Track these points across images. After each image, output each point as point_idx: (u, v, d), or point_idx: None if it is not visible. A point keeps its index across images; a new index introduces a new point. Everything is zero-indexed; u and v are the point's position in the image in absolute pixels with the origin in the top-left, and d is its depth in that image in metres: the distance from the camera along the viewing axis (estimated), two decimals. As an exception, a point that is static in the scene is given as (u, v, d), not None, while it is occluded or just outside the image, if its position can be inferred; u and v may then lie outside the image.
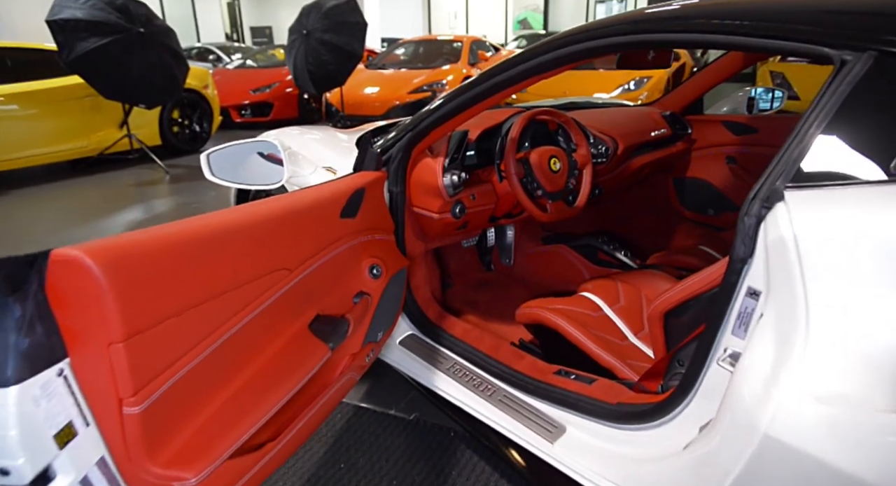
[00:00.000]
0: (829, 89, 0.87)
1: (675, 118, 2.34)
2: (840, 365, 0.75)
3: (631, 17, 1.14)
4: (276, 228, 1.06)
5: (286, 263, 1.08)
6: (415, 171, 1.64)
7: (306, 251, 1.14)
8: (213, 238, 0.91)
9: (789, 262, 0.81)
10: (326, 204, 1.23)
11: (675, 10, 1.08)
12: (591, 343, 1.48)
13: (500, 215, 1.88)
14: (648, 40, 1.11)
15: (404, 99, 6.57)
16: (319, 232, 1.20)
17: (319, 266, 1.19)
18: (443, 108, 1.49)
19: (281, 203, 1.11)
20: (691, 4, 1.09)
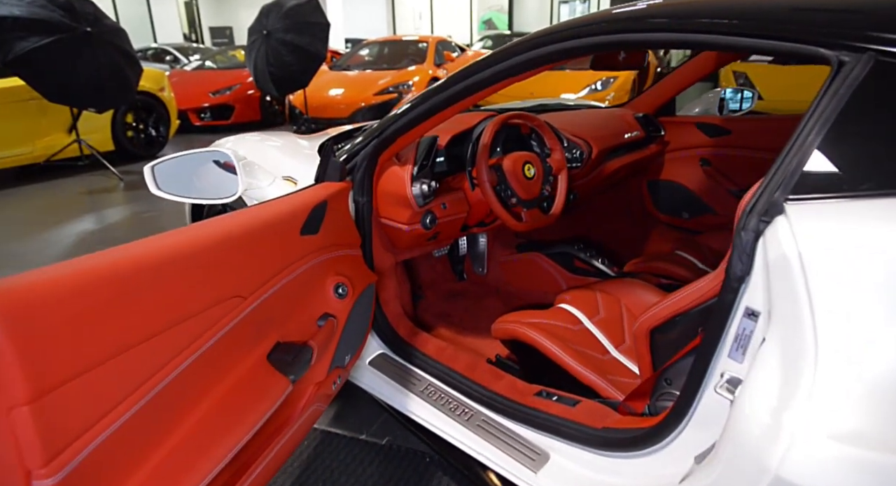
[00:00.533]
0: (827, 93, 0.81)
1: (648, 120, 2.29)
2: (855, 398, 0.68)
3: (611, 16, 1.06)
4: (225, 252, 0.94)
5: (239, 289, 0.96)
6: (381, 180, 1.53)
7: (262, 275, 1.03)
8: (146, 270, 0.79)
9: (794, 282, 0.74)
10: (284, 221, 1.12)
11: (660, 8, 1.01)
12: (572, 361, 1.40)
13: (472, 224, 1.79)
14: (630, 40, 1.03)
15: (370, 101, 6.43)
16: (277, 252, 1.08)
17: (278, 290, 1.08)
18: (410, 112, 1.39)
19: (231, 223, 0.99)
20: (676, 3, 1.01)
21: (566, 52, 1.12)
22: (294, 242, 1.14)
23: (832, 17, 0.84)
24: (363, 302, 1.40)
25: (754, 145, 2.13)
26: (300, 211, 1.17)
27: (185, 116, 6.99)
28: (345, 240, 1.37)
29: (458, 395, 1.43)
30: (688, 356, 1.14)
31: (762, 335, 0.83)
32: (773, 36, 0.88)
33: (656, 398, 1.23)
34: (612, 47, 1.07)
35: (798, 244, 0.74)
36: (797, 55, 0.87)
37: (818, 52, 0.83)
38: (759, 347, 0.80)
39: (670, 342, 1.20)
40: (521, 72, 1.22)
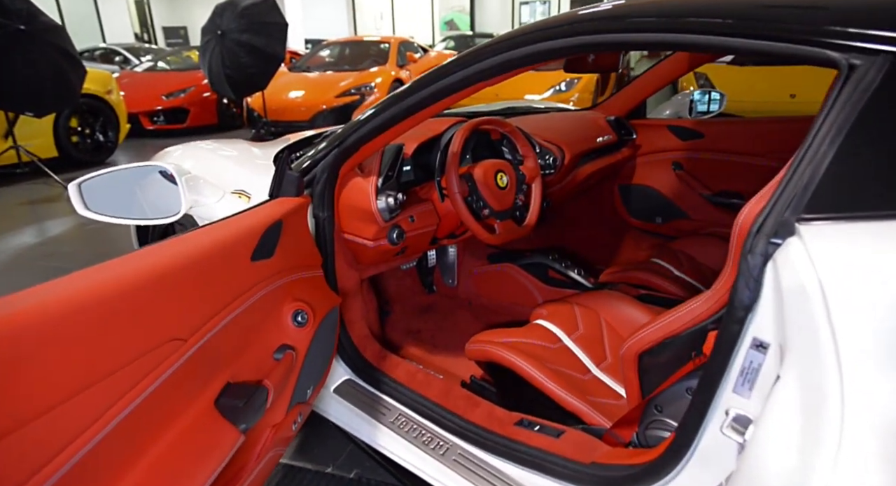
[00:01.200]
0: (838, 100, 0.73)
1: (619, 123, 2.23)
2: (891, 458, 0.59)
3: (596, 15, 0.96)
4: (159, 289, 0.81)
5: (178, 331, 0.83)
6: (344, 192, 1.41)
7: (206, 311, 0.89)
8: (57, 320, 0.65)
9: (813, 314, 0.65)
10: (232, 247, 0.98)
11: (648, 7, 0.92)
12: (552, 384, 1.30)
13: (442, 236, 1.69)
14: (615, 41, 0.94)
15: (331, 103, 6.26)
16: (223, 284, 0.95)
17: (227, 324, 0.94)
18: (374, 119, 1.28)
19: (166, 254, 0.86)
20: (666, 1, 0.92)
21: (545, 54, 1.03)
22: (244, 270, 1.01)
23: (840, 17, 0.76)
24: (326, 328, 1.27)
25: (727, 149, 2.08)
26: (251, 234, 1.03)
27: (136, 119, 6.67)
28: (304, 261, 1.24)
29: (432, 425, 1.32)
30: (680, 382, 1.06)
31: (774, 370, 0.75)
32: (773, 37, 0.79)
33: (646, 427, 1.14)
34: (595, 49, 0.97)
35: (817, 271, 0.65)
36: (801, 58, 0.79)
37: (825, 55, 0.75)
38: (773, 385, 0.71)
39: (660, 367, 1.12)
40: (495, 75, 1.12)
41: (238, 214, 1.11)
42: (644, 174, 2.31)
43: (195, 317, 0.86)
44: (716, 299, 0.99)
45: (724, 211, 2.12)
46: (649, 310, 1.54)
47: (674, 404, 1.08)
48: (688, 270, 1.92)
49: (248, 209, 1.14)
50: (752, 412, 0.77)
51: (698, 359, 1.01)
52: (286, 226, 1.15)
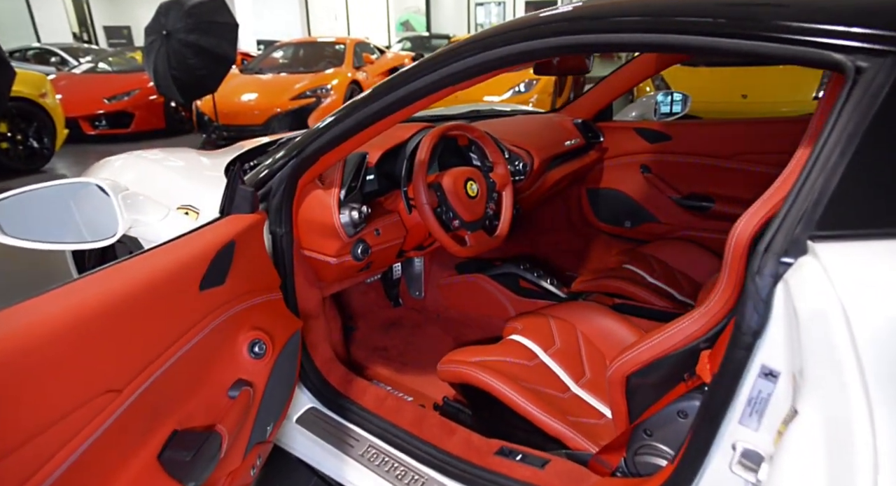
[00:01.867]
0: (846, 105, 0.67)
1: (587, 126, 2.18)
2: None
3: (577, 14, 0.89)
4: (88, 333, 0.69)
5: (112, 380, 0.71)
6: (303, 206, 1.30)
7: (146, 353, 0.78)
8: None
9: (836, 342, 0.59)
10: (177, 275, 0.86)
11: (637, 6, 0.85)
12: (532, 408, 1.22)
13: (409, 249, 1.59)
14: (600, 43, 0.86)
15: (286, 106, 6.06)
16: (166, 320, 0.83)
17: (171, 366, 0.82)
18: (335, 127, 1.17)
19: (97, 289, 0.73)
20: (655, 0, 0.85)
21: (523, 56, 0.95)
22: (191, 301, 0.89)
23: (842, 16, 0.71)
24: (287, 356, 1.16)
25: (695, 151, 2.06)
26: (199, 259, 0.91)
27: (76, 124, 6.30)
28: (260, 284, 1.12)
29: (405, 457, 1.22)
30: (671, 405, 0.99)
31: (785, 402, 0.69)
32: (772, 38, 0.73)
33: (635, 452, 1.07)
34: (578, 50, 0.90)
35: (839, 294, 0.59)
36: (802, 61, 0.73)
37: (828, 57, 0.69)
38: (787, 418, 0.65)
39: (649, 388, 1.05)
40: (467, 79, 1.03)
41: (184, 235, 0.99)
42: (612, 178, 2.27)
43: (133, 362, 0.74)
44: (709, 316, 0.93)
45: (693, 214, 2.09)
46: (626, 321, 1.49)
47: (665, 428, 1.01)
48: (661, 276, 1.89)
49: (196, 229, 1.02)
50: (763, 448, 0.71)
51: (692, 381, 0.95)
52: (239, 247, 1.04)
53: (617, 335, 1.48)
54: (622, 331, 1.47)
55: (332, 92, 6.21)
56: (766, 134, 1.92)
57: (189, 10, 4.96)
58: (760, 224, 0.83)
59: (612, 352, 1.46)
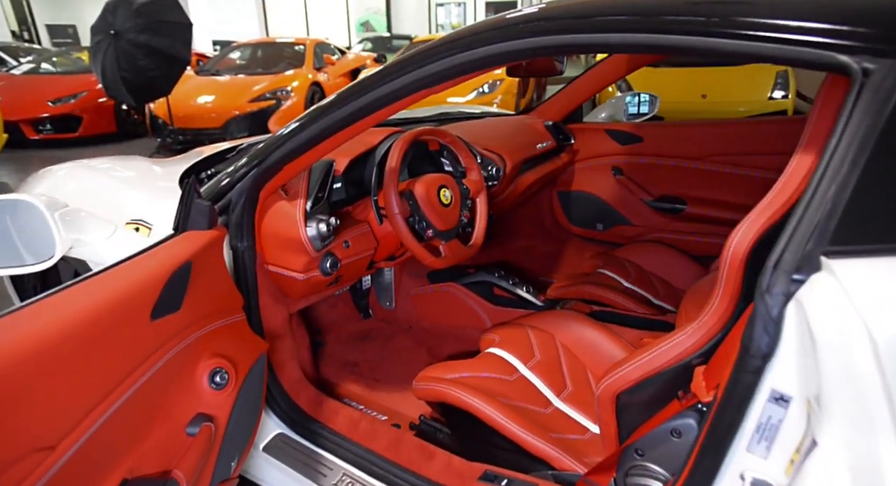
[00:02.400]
0: (855, 109, 0.63)
1: (558, 128, 2.14)
2: None
3: (565, 12, 0.83)
4: (14, 382, 0.59)
5: (42, 437, 0.61)
6: (266, 218, 1.21)
7: (87, 400, 0.68)
8: None
9: (861, 367, 0.54)
10: (125, 305, 0.77)
11: (627, 4, 0.79)
12: (515, 427, 1.16)
13: (380, 260, 1.51)
14: (587, 43, 0.81)
15: (245, 108, 5.86)
16: (112, 357, 0.73)
17: (118, 409, 0.73)
18: (299, 134, 1.09)
19: (26, 328, 0.63)
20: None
21: (504, 56, 0.88)
22: (142, 332, 0.79)
23: (847, 15, 0.67)
24: (252, 382, 1.07)
25: (667, 153, 2.04)
26: (149, 285, 0.82)
27: (17, 128, 5.96)
28: (221, 306, 1.03)
29: (382, 485, 1.15)
30: (664, 424, 0.95)
31: (797, 428, 0.64)
32: (770, 39, 0.69)
33: (626, 473, 1.02)
34: (563, 51, 0.84)
35: (862, 315, 0.54)
36: (804, 62, 0.69)
37: (832, 59, 0.65)
38: (809, 452, 0.60)
39: (639, 406, 1.01)
40: (444, 81, 0.97)
41: (133, 257, 0.89)
42: (583, 180, 2.24)
43: (70, 412, 0.65)
44: (703, 331, 0.89)
45: (665, 216, 2.08)
46: (605, 329, 1.45)
47: (657, 448, 0.97)
48: (636, 280, 1.86)
49: (147, 250, 0.92)
50: (775, 477, 0.66)
51: (687, 399, 0.90)
52: (197, 267, 0.94)
53: (597, 345, 1.43)
54: (601, 340, 1.43)
55: (293, 94, 6.05)
56: (738, 135, 1.92)
57: (138, 8, 4.74)
58: (759, 235, 0.78)
59: (592, 362, 1.41)
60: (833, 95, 0.78)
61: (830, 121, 0.78)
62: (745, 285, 0.82)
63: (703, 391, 0.85)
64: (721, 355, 0.85)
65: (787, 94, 5.20)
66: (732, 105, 5.26)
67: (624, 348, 1.40)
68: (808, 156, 0.78)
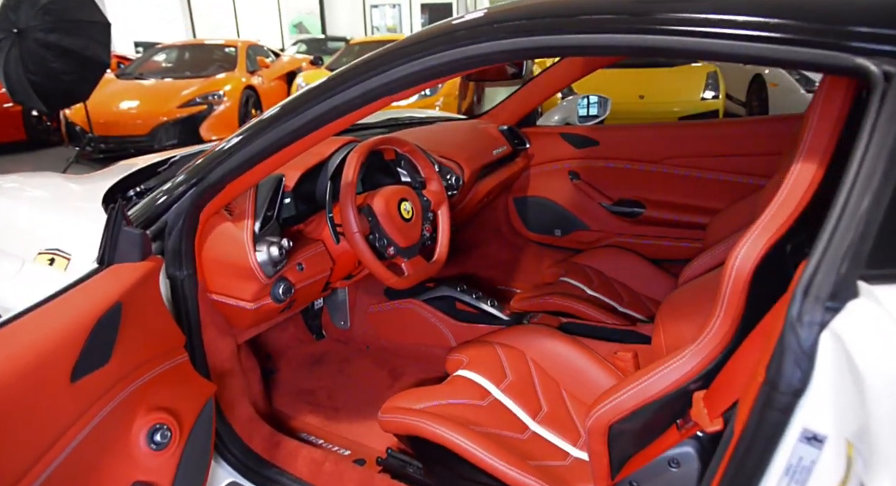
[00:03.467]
0: (880, 117, 0.57)
1: (512, 132, 2.07)
2: None
3: (558, 9, 0.75)
4: None
5: None
6: (209, 242, 1.07)
7: None
8: None
9: None
10: (33, 370, 0.62)
11: (623, 3, 0.72)
12: (493, 460, 1.07)
13: (336, 280, 1.39)
14: (579, 45, 0.73)
15: (173, 114, 5.52)
16: (22, 436, 0.59)
17: None
18: (245, 148, 0.96)
19: None
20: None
21: (474, 60, 0.79)
22: (59, 398, 0.65)
23: (865, 16, 0.61)
24: (199, 434, 0.93)
25: (624, 156, 2.02)
26: (69, 338, 0.67)
27: None
28: (158, 349, 0.89)
29: None
30: (662, 455, 0.88)
31: (836, 472, 0.58)
32: (784, 41, 0.63)
33: (621, 507, 0.96)
34: (549, 53, 0.76)
35: None
36: (817, 66, 0.63)
37: (850, 61, 0.60)
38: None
39: (632, 435, 0.94)
40: (407, 87, 0.87)
41: (48, 300, 0.74)
42: (539, 185, 2.19)
43: None
44: (701, 356, 0.83)
45: (624, 220, 2.05)
46: (576, 342, 1.38)
47: (654, 479, 0.90)
48: (599, 287, 1.81)
49: (66, 290, 0.77)
50: None
51: (687, 429, 0.84)
52: (128, 308, 0.80)
53: (570, 361, 1.37)
54: (574, 355, 1.37)
55: (226, 98, 5.75)
56: (695, 138, 1.91)
57: (46, 5, 4.33)
58: (764, 252, 0.73)
59: (566, 380, 1.35)
60: (833, 100, 0.73)
61: (832, 127, 0.74)
62: (747, 305, 0.77)
63: (706, 419, 0.79)
64: (724, 381, 0.79)
65: (718, 94, 5.40)
66: (667, 105, 5.42)
67: (598, 363, 1.34)
68: (810, 165, 0.73)
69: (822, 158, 0.72)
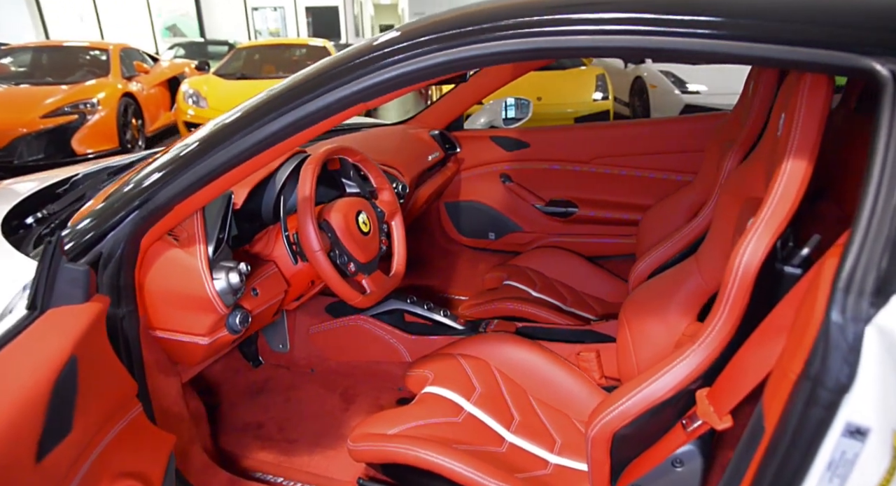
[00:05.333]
0: (895, 114, 0.60)
1: (443, 137, 2.04)
2: None
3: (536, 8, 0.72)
4: None
5: None
6: (152, 273, 0.93)
7: None
8: None
9: None
10: None
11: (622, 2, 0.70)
12: (482, 477, 1.03)
13: (288, 302, 1.28)
14: (557, 47, 0.71)
15: (36, 125, 4.88)
16: None
17: None
18: (196, 165, 0.84)
19: None
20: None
21: (468, 61, 0.75)
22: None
23: (871, 17, 0.64)
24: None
25: (554, 157, 2.06)
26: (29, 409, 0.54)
27: None
28: (114, 404, 0.75)
29: None
30: (672, 460, 0.89)
31: (880, 463, 0.60)
32: (788, 41, 0.65)
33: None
34: (539, 55, 0.73)
35: None
36: (825, 67, 0.65)
37: (858, 61, 0.62)
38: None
39: (633, 440, 0.94)
40: (388, 92, 0.80)
41: None
42: (471, 189, 2.18)
43: None
44: (704, 354, 0.84)
45: (557, 220, 2.09)
46: (538, 347, 1.38)
47: (657, 481, 0.91)
48: (542, 288, 1.83)
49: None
50: None
51: (695, 429, 0.85)
52: (82, 362, 0.66)
53: (534, 367, 1.36)
54: (537, 360, 1.36)
55: (100, 107, 5.18)
56: (620, 137, 1.99)
57: None
58: (769, 250, 0.75)
59: (532, 386, 1.34)
60: (816, 98, 0.77)
61: (817, 124, 0.77)
62: (749, 302, 0.79)
63: (714, 418, 0.80)
64: (731, 378, 0.80)
65: (607, 95, 5.75)
66: (562, 107, 5.68)
67: (562, 365, 1.34)
68: (801, 161, 0.76)
69: (812, 154, 0.75)
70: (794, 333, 0.65)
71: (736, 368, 0.80)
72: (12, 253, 0.97)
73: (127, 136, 5.54)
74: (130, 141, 5.62)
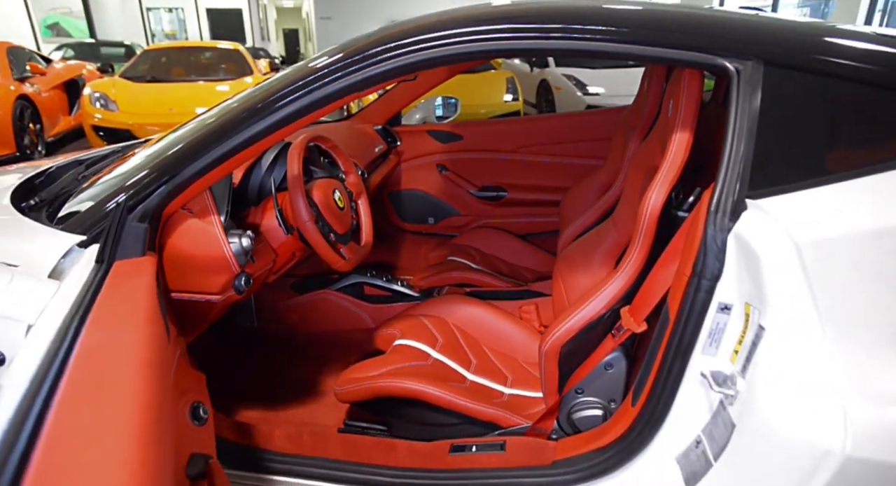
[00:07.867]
0: (739, 97, 0.90)
1: (386, 131, 2.25)
2: (873, 365, 0.79)
3: (455, 20, 0.97)
4: None
5: None
6: (172, 240, 1.08)
7: None
8: None
9: (792, 267, 0.80)
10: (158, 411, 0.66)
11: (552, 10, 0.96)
12: (462, 400, 1.27)
13: (274, 272, 1.45)
14: (522, 48, 0.96)
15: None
16: None
17: None
18: (220, 145, 1.01)
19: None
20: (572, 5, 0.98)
21: (462, 57, 0.98)
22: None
23: (725, 28, 0.94)
24: None
25: (484, 148, 2.32)
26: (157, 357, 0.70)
27: None
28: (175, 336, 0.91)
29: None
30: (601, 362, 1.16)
31: (737, 328, 0.89)
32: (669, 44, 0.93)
33: (569, 411, 1.21)
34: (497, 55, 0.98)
35: (786, 230, 0.80)
36: (692, 63, 0.94)
37: (715, 61, 0.92)
38: (756, 336, 0.85)
39: (576, 353, 1.20)
40: (391, 78, 1.01)
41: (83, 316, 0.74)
42: (411, 179, 2.40)
43: None
44: (626, 278, 1.12)
45: (489, 204, 2.36)
46: (488, 305, 1.63)
47: (594, 382, 1.18)
48: (481, 262, 2.09)
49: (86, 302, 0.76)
50: (725, 367, 0.91)
51: (621, 335, 1.12)
52: None
53: (485, 320, 1.60)
54: (488, 316, 1.60)
55: (-7, 111, 4.88)
56: (541, 129, 2.29)
57: None
58: (665, 197, 1.03)
59: (484, 336, 1.58)
60: (693, 87, 1.06)
61: (694, 106, 1.07)
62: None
63: (634, 324, 1.07)
64: (644, 294, 1.08)
65: (517, 97, 6.17)
66: (477, 107, 6.02)
67: (508, 318, 1.59)
68: (685, 134, 1.05)
69: (692, 126, 1.04)
70: (686, 248, 0.94)
71: (647, 286, 1.08)
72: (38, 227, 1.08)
73: (25, 141, 5.23)
74: (29, 146, 5.30)
